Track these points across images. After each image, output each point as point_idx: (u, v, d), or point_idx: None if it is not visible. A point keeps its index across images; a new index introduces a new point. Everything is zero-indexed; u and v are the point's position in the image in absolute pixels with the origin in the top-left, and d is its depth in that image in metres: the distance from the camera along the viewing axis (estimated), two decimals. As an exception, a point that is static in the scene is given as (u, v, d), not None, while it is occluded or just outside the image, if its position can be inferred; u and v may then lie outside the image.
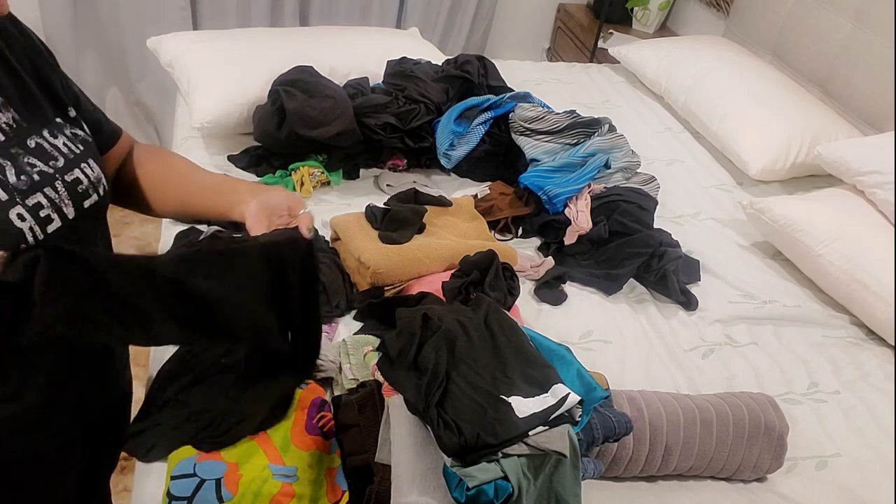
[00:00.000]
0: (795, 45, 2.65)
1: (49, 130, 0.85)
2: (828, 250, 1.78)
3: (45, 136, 0.84)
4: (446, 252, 1.54)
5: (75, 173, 0.86)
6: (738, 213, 2.06)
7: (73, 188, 0.85)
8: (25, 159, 0.81)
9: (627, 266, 1.70)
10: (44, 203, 0.81)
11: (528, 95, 2.03)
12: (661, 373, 1.51)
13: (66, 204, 0.84)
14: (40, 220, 0.80)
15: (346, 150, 1.89)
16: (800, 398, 1.53)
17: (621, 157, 1.95)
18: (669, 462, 1.21)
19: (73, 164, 0.86)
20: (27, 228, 0.78)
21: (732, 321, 1.70)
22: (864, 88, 2.37)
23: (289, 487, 1.04)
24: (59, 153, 0.85)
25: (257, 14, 3.00)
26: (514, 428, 0.96)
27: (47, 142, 0.84)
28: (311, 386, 1.25)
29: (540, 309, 1.61)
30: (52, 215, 0.82)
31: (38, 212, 0.80)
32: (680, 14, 3.49)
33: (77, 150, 0.87)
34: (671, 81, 2.60)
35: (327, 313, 1.42)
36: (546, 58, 3.77)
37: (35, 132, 0.84)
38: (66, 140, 0.87)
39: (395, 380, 1.06)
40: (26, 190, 0.79)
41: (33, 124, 0.84)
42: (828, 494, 1.32)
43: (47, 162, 0.83)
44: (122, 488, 1.85)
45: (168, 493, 1.01)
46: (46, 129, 0.85)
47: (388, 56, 2.16)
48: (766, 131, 2.25)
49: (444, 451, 0.94)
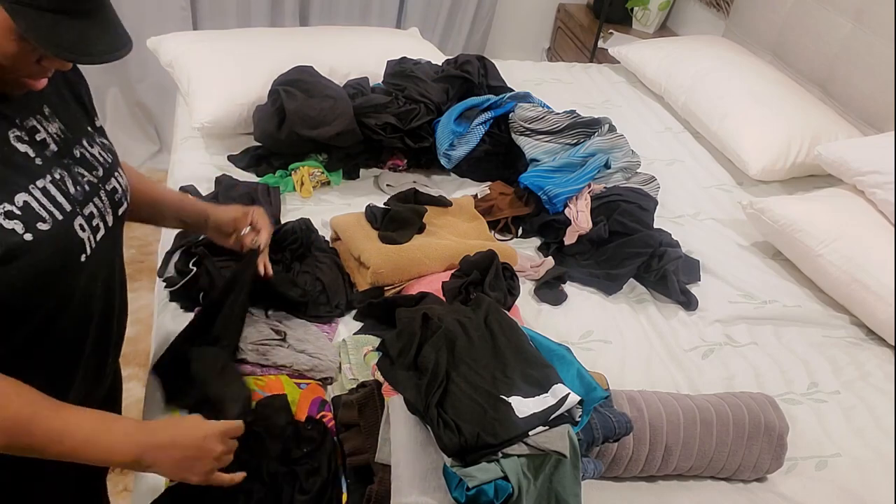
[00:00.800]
0: (795, 45, 2.65)
1: (87, 140, 0.88)
2: (828, 250, 1.78)
3: (85, 146, 0.87)
4: (446, 252, 1.54)
5: (112, 182, 0.89)
6: (738, 213, 2.06)
7: (112, 197, 0.89)
8: (76, 169, 0.84)
9: (627, 266, 1.69)
10: (94, 213, 0.85)
11: (528, 95, 2.03)
12: (661, 373, 1.51)
13: (108, 212, 0.88)
14: (93, 228, 0.84)
15: (346, 150, 1.89)
16: (800, 398, 1.53)
17: (621, 157, 1.95)
18: (669, 462, 1.21)
19: (110, 172, 0.89)
20: (86, 238, 0.82)
21: (732, 321, 1.70)
22: (864, 88, 2.37)
23: (289, 487, 1.04)
24: (98, 162, 0.88)
25: (257, 14, 3.00)
26: (514, 428, 0.96)
27: (88, 152, 0.87)
28: (311, 386, 1.25)
29: (540, 309, 1.61)
30: (100, 224, 0.86)
31: (91, 221, 0.84)
32: (680, 14, 3.49)
33: (109, 160, 0.90)
34: (671, 81, 2.60)
35: (327, 313, 1.42)
36: (546, 58, 3.77)
37: (77, 142, 0.86)
38: (100, 149, 0.90)
39: (395, 380, 1.06)
40: (82, 200, 0.83)
41: (75, 134, 0.86)
42: (828, 494, 1.32)
43: (91, 171, 0.86)
44: (123, 488, 1.85)
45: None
46: (85, 139, 0.88)
47: (388, 56, 2.16)
48: (766, 131, 2.25)
49: (444, 451, 0.94)
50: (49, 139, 0.82)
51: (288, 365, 1.25)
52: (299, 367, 1.25)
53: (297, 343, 1.28)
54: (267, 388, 1.20)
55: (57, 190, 0.80)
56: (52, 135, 0.82)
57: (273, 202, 1.71)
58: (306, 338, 1.30)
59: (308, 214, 1.66)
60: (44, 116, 0.82)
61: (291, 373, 1.26)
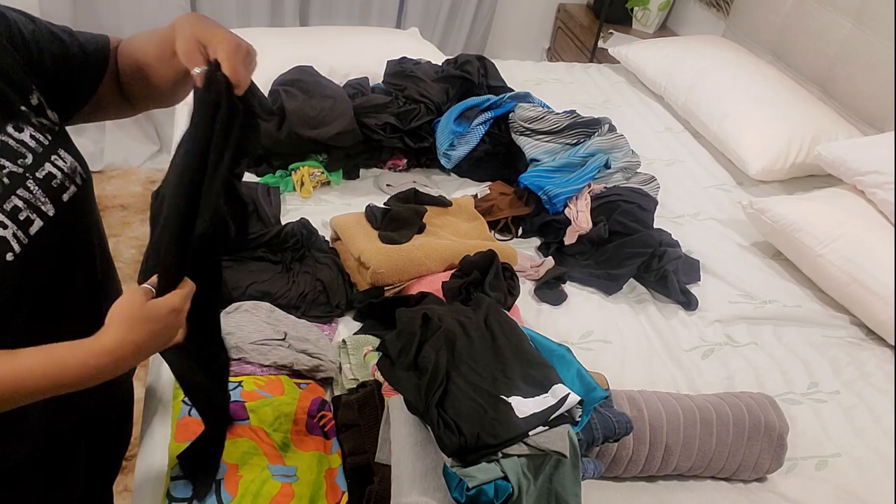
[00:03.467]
0: (795, 45, 2.65)
1: (14, 125, 0.78)
2: (828, 250, 1.78)
3: (10, 133, 0.77)
4: (446, 252, 1.54)
5: (46, 168, 0.79)
6: (738, 213, 2.06)
7: (47, 184, 0.79)
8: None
9: (627, 266, 1.69)
10: (20, 205, 0.76)
11: (528, 95, 2.03)
12: (661, 373, 1.51)
13: (44, 202, 0.78)
14: (20, 223, 0.76)
15: (346, 150, 1.89)
16: (800, 398, 1.53)
17: (621, 157, 1.95)
18: (669, 462, 1.21)
19: (43, 158, 0.79)
20: (10, 235, 0.74)
21: (732, 321, 1.70)
22: (864, 88, 2.37)
23: (288, 488, 1.04)
24: (27, 148, 0.78)
25: (257, 14, 3.00)
26: (515, 428, 0.96)
27: (12, 138, 0.77)
28: (311, 386, 1.25)
29: (540, 309, 1.61)
30: (32, 216, 0.77)
31: (16, 215, 0.75)
32: (680, 14, 3.49)
33: (46, 142, 0.80)
34: (671, 81, 2.60)
35: (327, 313, 1.42)
36: (546, 58, 3.76)
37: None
38: (33, 131, 0.80)
39: (395, 380, 1.06)
40: (1, 195, 0.74)
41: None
42: (828, 494, 1.32)
43: (15, 161, 0.76)
44: (123, 488, 1.85)
45: (168, 494, 1.01)
46: (10, 124, 0.78)
47: (388, 56, 2.16)
48: (766, 131, 2.25)
49: (444, 451, 0.94)
50: None
51: (288, 365, 1.25)
52: (299, 367, 1.25)
53: (297, 343, 1.28)
54: (267, 387, 1.20)
55: None
56: None
57: (273, 202, 1.71)
58: (306, 338, 1.30)
59: (308, 214, 1.66)
60: None
61: (291, 373, 1.26)
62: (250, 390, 1.19)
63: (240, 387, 1.19)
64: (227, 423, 1.09)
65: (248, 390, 1.19)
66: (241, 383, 1.20)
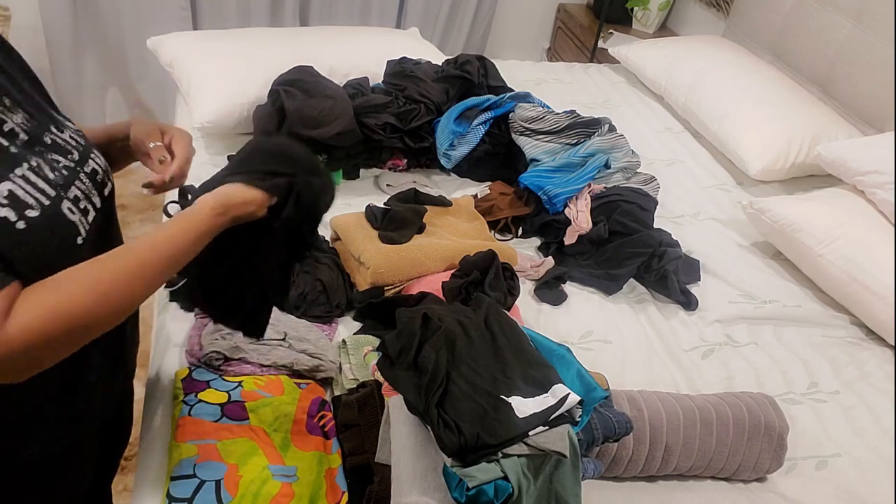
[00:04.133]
0: (795, 45, 2.65)
1: (55, 126, 0.86)
2: (828, 250, 1.78)
3: (55, 133, 0.85)
4: (446, 252, 1.54)
5: (90, 164, 0.88)
6: (738, 213, 2.06)
7: (93, 178, 0.87)
8: (50, 156, 0.82)
9: (627, 266, 1.69)
10: (80, 195, 0.83)
11: (528, 95, 2.03)
12: (661, 373, 1.51)
13: (94, 194, 0.86)
14: (82, 211, 0.83)
15: (346, 150, 1.88)
16: (800, 398, 1.53)
17: (621, 158, 1.95)
18: (669, 462, 1.21)
19: (85, 155, 0.87)
20: (77, 220, 0.81)
21: (732, 321, 1.70)
22: (864, 88, 2.37)
23: (288, 488, 1.04)
24: (71, 146, 0.86)
25: (257, 14, 3.00)
26: (514, 428, 0.96)
27: (59, 137, 0.85)
28: (311, 386, 1.25)
29: (540, 309, 1.61)
30: (88, 206, 0.84)
31: (78, 203, 0.82)
32: (680, 14, 3.49)
33: (83, 142, 0.88)
34: (671, 81, 2.60)
35: (327, 313, 1.42)
36: (546, 58, 3.76)
37: (46, 129, 0.84)
38: (72, 133, 0.88)
39: (395, 380, 1.06)
40: (64, 184, 0.81)
41: (42, 122, 0.84)
42: (828, 494, 1.32)
43: (66, 156, 0.84)
44: (123, 488, 1.85)
45: (168, 494, 1.01)
46: (53, 125, 0.86)
47: (388, 56, 2.15)
48: (766, 131, 2.25)
49: (444, 451, 0.94)
50: (17, 129, 0.79)
51: (288, 365, 1.25)
52: (299, 367, 1.25)
53: (297, 343, 1.28)
54: (267, 387, 1.20)
55: (36, 177, 0.78)
56: (18, 125, 0.80)
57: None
58: (306, 338, 1.30)
59: (308, 214, 1.66)
60: (6, 107, 0.79)
61: (291, 373, 1.26)
62: (250, 390, 1.19)
63: (240, 387, 1.19)
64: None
65: (248, 390, 1.19)
66: (241, 383, 1.20)
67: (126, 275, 0.79)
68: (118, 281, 0.78)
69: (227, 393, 1.17)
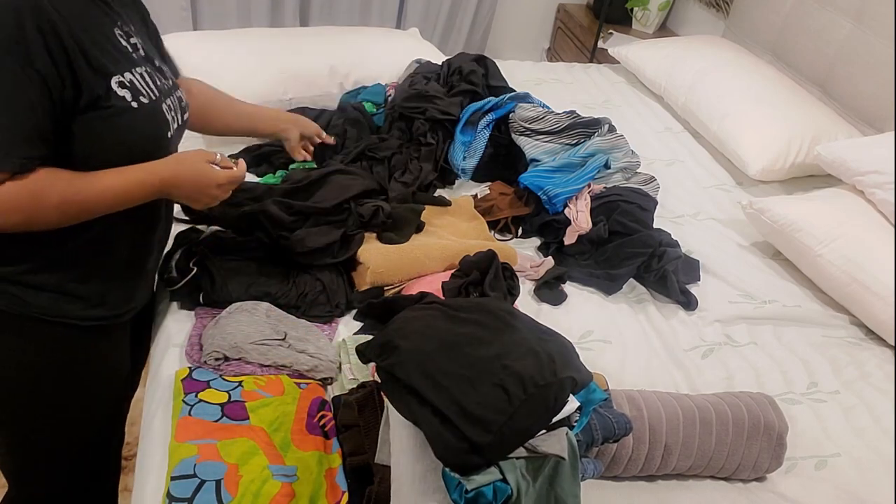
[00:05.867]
0: (795, 45, 2.65)
1: (158, 60, 1.14)
2: (828, 250, 1.78)
3: (158, 63, 1.12)
4: (446, 252, 1.54)
5: (178, 92, 1.15)
6: (738, 213, 2.06)
7: (180, 102, 1.14)
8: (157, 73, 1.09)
9: (627, 266, 1.69)
10: (172, 105, 1.10)
11: (528, 95, 2.03)
12: (661, 373, 1.51)
13: (179, 111, 1.13)
14: (172, 116, 1.09)
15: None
16: (800, 398, 1.53)
17: (621, 158, 1.96)
18: (669, 461, 1.21)
19: (174, 87, 1.15)
20: (171, 118, 1.08)
21: (732, 321, 1.70)
22: (864, 88, 2.37)
23: (288, 488, 1.04)
24: (168, 77, 1.14)
25: (257, 14, 3.00)
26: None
27: (163, 65, 1.14)
28: (311, 386, 1.25)
29: (540, 309, 1.62)
30: (176, 117, 1.11)
31: (171, 111, 1.09)
32: (680, 14, 3.49)
33: (173, 79, 1.17)
34: (671, 81, 2.60)
35: (327, 313, 1.42)
36: (546, 58, 3.77)
37: (154, 57, 1.11)
38: (168, 69, 1.17)
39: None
40: (165, 92, 1.09)
41: (151, 52, 1.11)
42: (827, 494, 1.32)
43: (167, 79, 1.12)
44: (123, 488, 1.84)
45: (168, 494, 1.01)
46: (157, 59, 1.13)
47: (388, 56, 2.15)
48: (765, 131, 2.25)
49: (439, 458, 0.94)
50: (139, 44, 1.07)
51: (288, 365, 1.25)
52: (299, 367, 1.25)
53: (297, 343, 1.28)
54: (267, 387, 1.21)
55: (149, 78, 1.05)
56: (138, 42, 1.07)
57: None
58: (306, 338, 1.30)
59: (308, 214, 1.66)
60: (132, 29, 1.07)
61: (291, 373, 1.26)
62: (250, 390, 1.19)
63: (240, 387, 1.19)
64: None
65: (249, 390, 1.19)
66: (242, 383, 1.20)
67: (79, 205, 0.99)
68: (75, 205, 0.98)
69: (227, 393, 1.18)
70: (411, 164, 1.85)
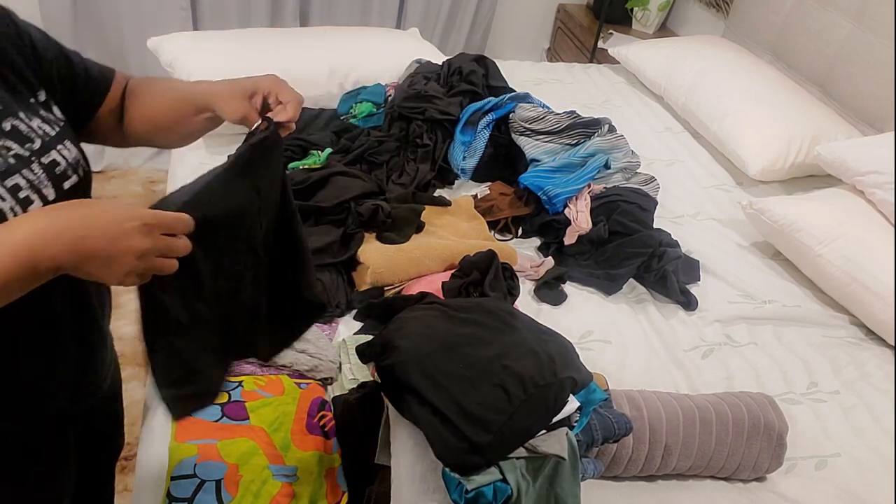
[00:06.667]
0: (795, 45, 2.65)
1: (24, 112, 0.86)
2: (827, 250, 1.78)
3: (22, 118, 0.85)
4: (446, 252, 1.54)
5: (52, 155, 0.86)
6: (738, 213, 2.06)
7: (50, 170, 0.85)
8: (1, 142, 0.82)
9: (627, 266, 1.69)
10: (22, 184, 0.81)
11: (528, 96, 2.03)
12: (661, 373, 1.51)
13: (45, 185, 0.84)
14: (20, 200, 0.80)
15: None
16: (800, 398, 1.53)
17: (621, 158, 1.96)
18: (669, 461, 1.21)
19: (50, 145, 0.86)
20: (7, 208, 0.79)
21: (732, 321, 1.70)
22: (864, 88, 2.37)
23: (288, 488, 1.04)
24: (36, 135, 0.85)
25: (257, 14, 3.00)
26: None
27: (24, 123, 0.85)
28: (311, 386, 1.25)
29: (540, 309, 1.61)
30: (32, 196, 0.82)
31: (16, 193, 0.80)
32: (680, 14, 3.49)
33: (53, 132, 0.88)
34: (671, 81, 2.60)
35: (327, 313, 1.42)
36: (546, 58, 3.76)
37: (11, 114, 0.84)
38: (41, 122, 0.87)
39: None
40: (4, 172, 0.80)
41: (7, 107, 0.84)
42: (827, 494, 1.32)
43: (23, 144, 0.83)
44: (123, 488, 1.85)
45: (168, 494, 1.01)
46: (21, 111, 0.85)
47: (388, 56, 2.15)
48: (765, 131, 2.25)
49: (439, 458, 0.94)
50: None
51: (288, 365, 1.25)
52: (299, 367, 1.25)
53: (297, 343, 1.28)
54: (267, 387, 1.21)
55: None
56: None
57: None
58: (306, 338, 1.30)
59: (308, 214, 1.67)
60: None
61: (291, 373, 1.26)
62: (250, 390, 1.19)
63: (240, 387, 1.19)
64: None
65: (248, 390, 1.19)
66: (242, 383, 1.20)
67: None
68: None
69: (227, 393, 1.18)
70: (408, 166, 1.85)
